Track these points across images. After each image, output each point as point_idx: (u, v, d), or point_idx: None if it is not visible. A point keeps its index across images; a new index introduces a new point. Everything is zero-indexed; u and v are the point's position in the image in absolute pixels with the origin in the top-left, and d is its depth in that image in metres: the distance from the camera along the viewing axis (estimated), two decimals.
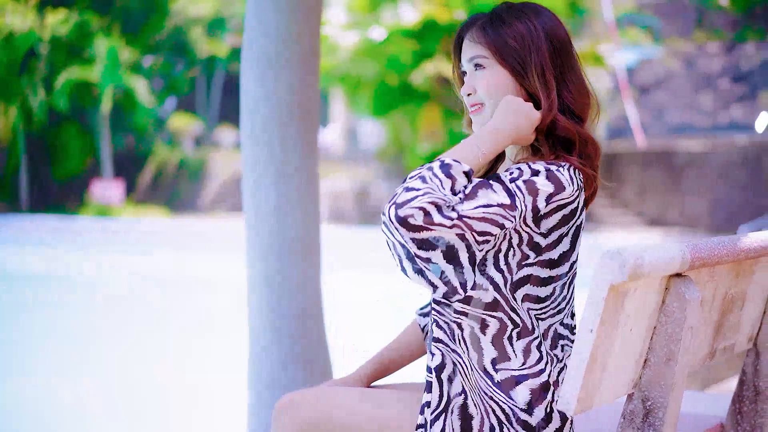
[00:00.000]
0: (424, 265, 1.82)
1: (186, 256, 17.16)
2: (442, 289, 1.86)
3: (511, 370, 1.93)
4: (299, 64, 3.37)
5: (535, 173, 1.90)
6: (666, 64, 24.79)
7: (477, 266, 1.87)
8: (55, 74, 29.21)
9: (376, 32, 23.37)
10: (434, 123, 22.57)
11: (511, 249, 1.90)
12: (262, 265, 3.37)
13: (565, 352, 2.01)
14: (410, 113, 23.05)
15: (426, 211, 1.78)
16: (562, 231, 1.94)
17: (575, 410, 1.71)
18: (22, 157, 30.45)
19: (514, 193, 1.86)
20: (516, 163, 1.97)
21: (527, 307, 1.95)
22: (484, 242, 1.84)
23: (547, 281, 1.95)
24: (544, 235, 1.92)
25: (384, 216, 1.80)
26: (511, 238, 1.89)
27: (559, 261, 1.96)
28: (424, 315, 2.32)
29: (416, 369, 2.38)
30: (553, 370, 1.96)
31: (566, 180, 1.92)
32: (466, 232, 1.80)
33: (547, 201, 1.89)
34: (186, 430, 5.67)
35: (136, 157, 32.32)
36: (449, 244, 1.80)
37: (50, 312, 10.60)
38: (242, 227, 3.53)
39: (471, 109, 2.09)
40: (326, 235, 3.60)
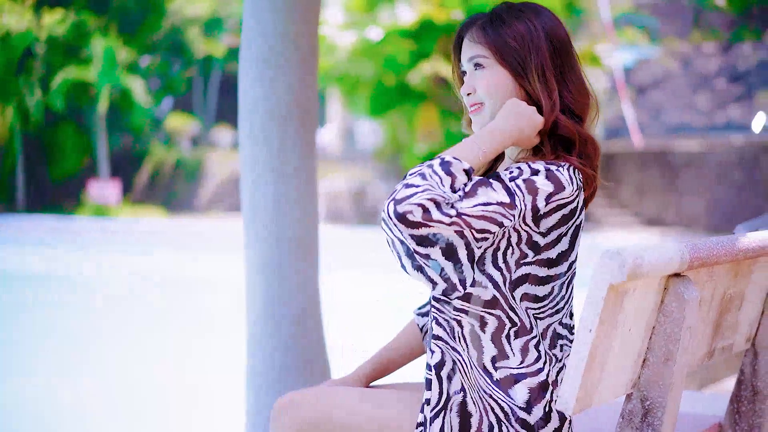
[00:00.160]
0: (423, 262, 1.82)
1: (185, 256, 17.15)
2: (442, 286, 1.87)
3: (511, 368, 1.93)
4: (297, 64, 3.37)
5: (535, 173, 1.91)
6: (663, 64, 24.83)
7: (476, 264, 1.87)
8: (52, 74, 29.17)
9: (373, 32, 23.37)
10: (431, 123, 22.58)
11: (510, 247, 1.91)
12: (260, 266, 3.36)
13: (563, 351, 2.01)
14: (407, 113, 23.06)
15: (425, 207, 1.78)
16: (561, 230, 1.94)
17: (574, 410, 1.72)
18: (18, 157, 30.41)
19: (514, 192, 1.87)
20: (516, 163, 1.97)
21: (526, 306, 1.95)
22: (482, 239, 1.84)
23: (545, 280, 1.96)
24: (543, 234, 1.92)
25: (383, 212, 1.81)
26: (510, 237, 1.90)
27: (557, 260, 1.96)
28: (423, 315, 2.32)
29: (415, 369, 2.38)
30: (551, 370, 1.96)
31: (566, 180, 1.92)
32: (464, 229, 1.81)
33: (547, 200, 1.89)
34: (185, 430, 5.67)
35: (132, 157, 32.29)
36: (448, 241, 1.81)
37: (50, 312, 10.59)
38: (240, 227, 3.53)
39: (471, 109, 2.09)
40: (324, 235, 3.59)
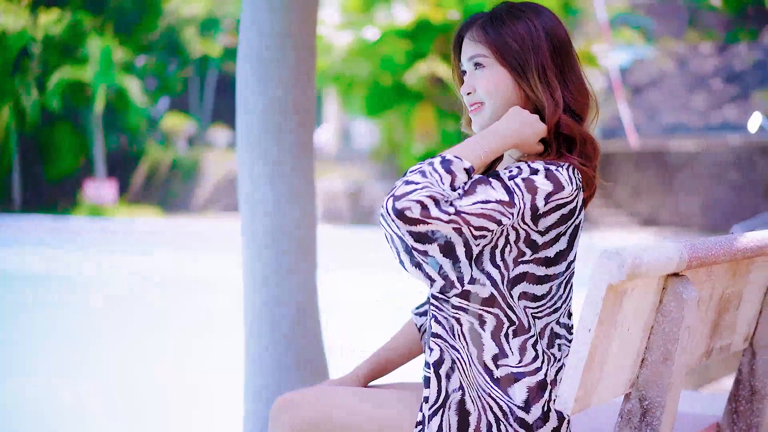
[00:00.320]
0: (421, 259, 1.83)
1: (184, 256, 17.15)
2: (440, 283, 1.87)
3: (510, 367, 1.93)
4: (295, 63, 3.37)
5: (534, 172, 1.91)
6: (659, 64, 24.86)
7: (474, 261, 1.87)
8: (48, 74, 29.14)
9: (370, 32, 23.37)
10: (428, 123, 22.58)
11: (508, 245, 1.91)
12: (258, 265, 3.36)
13: (561, 351, 2.02)
14: (404, 113, 23.07)
15: (423, 204, 1.78)
16: (560, 230, 1.95)
17: (573, 409, 1.72)
18: (14, 156, 30.37)
19: (513, 190, 1.87)
20: (515, 162, 1.97)
21: (524, 305, 1.95)
22: (480, 237, 1.85)
23: (543, 279, 1.96)
24: (541, 233, 1.93)
25: (382, 208, 1.81)
26: (508, 235, 1.90)
27: (555, 259, 1.96)
28: (421, 314, 2.32)
29: (414, 368, 2.38)
30: (549, 369, 1.96)
31: (565, 179, 1.93)
32: (463, 227, 1.81)
33: (546, 200, 1.90)
34: (185, 430, 5.67)
35: (129, 157, 32.27)
36: (446, 239, 1.81)
37: (50, 312, 10.58)
38: (237, 227, 3.53)
39: (470, 108, 2.10)
40: (320, 235, 3.59)
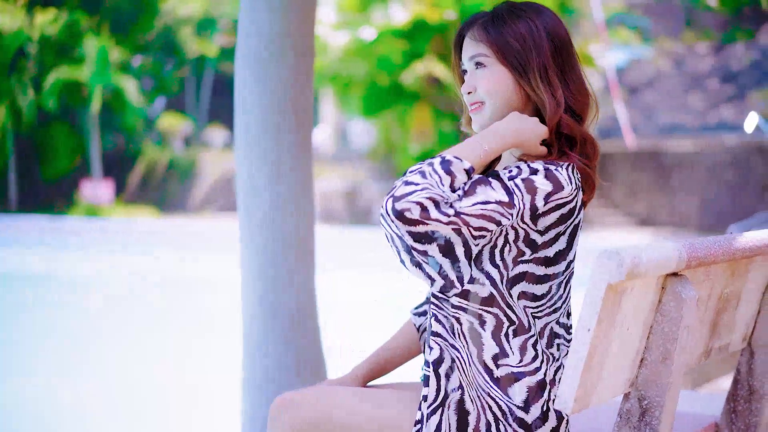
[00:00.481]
0: (421, 259, 1.83)
1: (182, 256, 17.14)
2: (440, 283, 1.87)
3: (511, 366, 1.94)
4: (293, 63, 3.37)
5: (534, 172, 1.91)
6: (655, 64, 24.88)
7: (473, 261, 1.88)
8: (45, 74, 29.12)
9: (367, 32, 23.37)
10: (424, 123, 22.59)
11: (507, 245, 1.91)
12: (256, 265, 3.36)
13: (561, 351, 2.02)
14: (400, 113, 23.07)
15: (423, 206, 1.79)
16: (559, 229, 1.95)
17: (573, 409, 1.72)
18: (11, 157, 30.35)
19: (513, 191, 1.87)
20: (516, 162, 1.98)
21: (523, 305, 1.96)
22: (480, 237, 1.85)
23: (543, 279, 1.96)
24: (540, 233, 1.93)
25: (382, 208, 1.82)
26: (508, 234, 1.90)
27: (555, 259, 1.96)
28: (419, 314, 2.32)
29: (413, 368, 2.38)
30: (549, 369, 1.97)
31: (564, 179, 1.93)
32: (462, 227, 1.82)
33: (546, 200, 1.90)
34: (185, 430, 5.66)
35: (125, 157, 32.25)
36: (446, 239, 1.82)
37: (50, 312, 10.57)
38: (234, 227, 3.53)
39: (471, 108, 2.09)
40: (317, 235, 3.59)
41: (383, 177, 24.44)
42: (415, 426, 1.98)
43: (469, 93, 2.09)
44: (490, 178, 1.89)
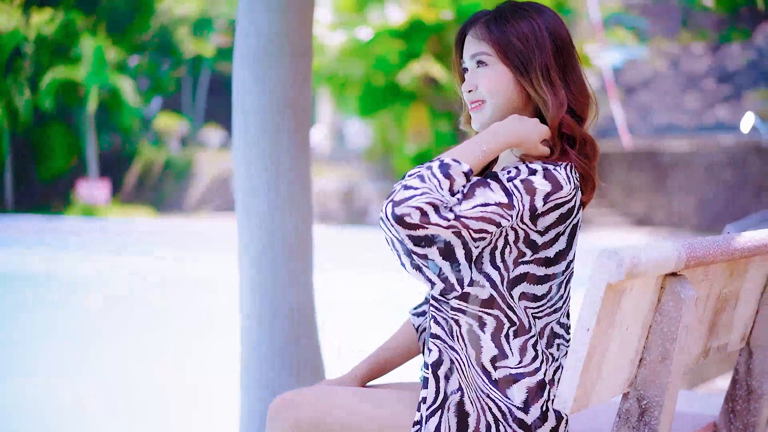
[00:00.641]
0: (421, 262, 1.83)
1: (181, 256, 17.12)
2: (440, 286, 1.88)
3: (509, 368, 1.94)
4: (291, 63, 3.37)
5: (533, 172, 1.91)
6: (652, 64, 24.88)
7: (474, 263, 1.88)
8: (41, 74, 29.05)
9: (363, 32, 23.34)
10: (421, 123, 22.56)
11: (507, 246, 1.91)
12: (254, 265, 3.36)
13: (560, 351, 2.02)
14: (397, 113, 23.04)
15: (423, 210, 1.79)
16: (558, 229, 1.95)
17: (572, 409, 1.72)
18: (7, 156, 30.27)
19: (512, 192, 1.87)
20: (515, 162, 1.98)
21: (524, 306, 1.96)
22: (480, 239, 1.85)
23: (543, 279, 1.96)
24: (540, 233, 1.93)
25: (381, 212, 1.82)
26: (508, 236, 1.90)
27: (555, 259, 1.97)
28: (418, 315, 2.32)
29: (412, 368, 2.38)
30: (548, 369, 1.97)
31: (563, 179, 1.93)
32: (462, 230, 1.82)
33: (545, 200, 1.90)
34: (184, 430, 5.66)
35: (121, 157, 32.20)
36: (446, 242, 1.82)
37: (50, 312, 10.56)
38: (231, 227, 3.52)
39: (471, 106, 2.09)
40: (314, 235, 3.59)
41: (380, 177, 24.42)
42: (413, 427, 1.98)
43: (469, 91, 2.09)
44: (489, 180, 1.89)
